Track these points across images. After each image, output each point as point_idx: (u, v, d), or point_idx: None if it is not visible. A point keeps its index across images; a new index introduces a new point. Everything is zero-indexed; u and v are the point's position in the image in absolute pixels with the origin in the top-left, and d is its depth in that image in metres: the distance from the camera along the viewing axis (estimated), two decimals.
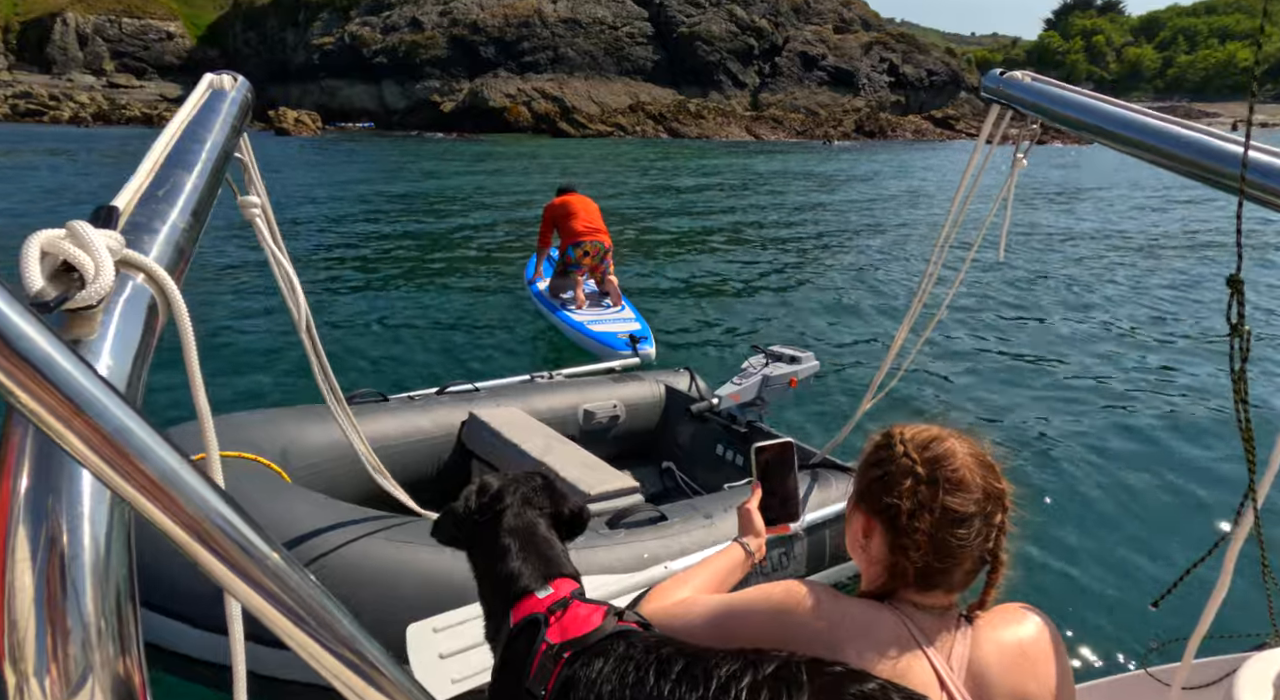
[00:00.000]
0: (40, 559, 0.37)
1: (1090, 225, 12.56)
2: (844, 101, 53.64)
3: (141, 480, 0.35)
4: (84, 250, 0.45)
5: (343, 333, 5.97)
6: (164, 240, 0.62)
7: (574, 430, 3.21)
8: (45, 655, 0.36)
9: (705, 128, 45.52)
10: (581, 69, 49.23)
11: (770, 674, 0.75)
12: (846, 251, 10.41)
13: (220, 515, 0.37)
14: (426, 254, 9.52)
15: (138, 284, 0.54)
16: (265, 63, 53.43)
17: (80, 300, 0.45)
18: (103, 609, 0.38)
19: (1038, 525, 3.35)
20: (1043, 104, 1.50)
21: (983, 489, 0.91)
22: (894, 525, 0.92)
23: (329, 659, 0.41)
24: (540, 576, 1.07)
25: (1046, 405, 4.69)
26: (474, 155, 27.72)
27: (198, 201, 0.72)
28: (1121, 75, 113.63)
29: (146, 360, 0.51)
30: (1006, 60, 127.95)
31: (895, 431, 0.97)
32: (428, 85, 48.50)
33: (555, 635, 0.96)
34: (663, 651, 0.86)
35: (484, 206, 14.20)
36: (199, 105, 0.99)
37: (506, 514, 1.15)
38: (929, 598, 0.93)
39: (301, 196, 14.59)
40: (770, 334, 6.26)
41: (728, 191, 17.68)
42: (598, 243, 5.65)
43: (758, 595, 0.97)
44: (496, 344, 5.75)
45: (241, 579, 0.38)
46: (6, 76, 49.20)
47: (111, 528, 0.40)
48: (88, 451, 0.34)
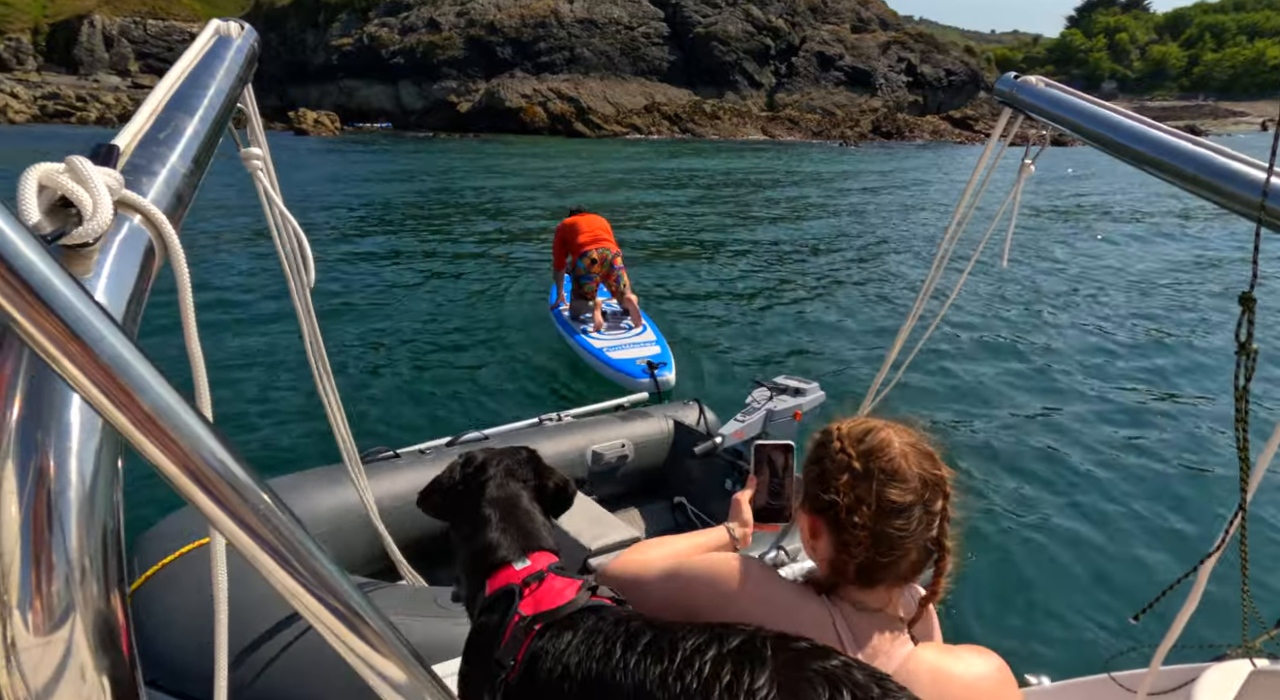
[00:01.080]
0: (28, 492, 0.37)
1: (1099, 233, 12.38)
2: (861, 102, 53.26)
3: (135, 412, 0.35)
4: (82, 186, 0.45)
5: (358, 352, 5.94)
6: (163, 183, 0.61)
7: (583, 472, 3.22)
8: (29, 588, 0.36)
9: (721, 128, 45.44)
10: (597, 69, 49.33)
11: (734, 648, 0.75)
12: (856, 258, 10.34)
13: (212, 452, 0.37)
14: (444, 265, 9.58)
15: (135, 225, 0.53)
16: (285, 63, 54.13)
17: (77, 236, 0.44)
18: (87, 547, 0.38)
19: (1026, 531, 3.36)
20: (1055, 111, 1.46)
21: (920, 477, 0.90)
22: (836, 522, 0.91)
23: (312, 602, 0.42)
24: (519, 548, 1.08)
25: (1041, 416, 4.67)
26: (491, 157, 27.86)
27: (199, 148, 0.70)
28: (1145, 73, 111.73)
29: (142, 301, 0.50)
30: (1027, 58, 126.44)
31: (833, 427, 0.97)
32: (444, 86, 48.85)
33: (529, 607, 0.96)
34: (631, 625, 0.86)
35: (502, 213, 14.27)
36: (204, 51, 0.95)
37: (490, 485, 1.16)
38: (871, 595, 0.92)
39: (323, 199, 14.75)
40: (778, 345, 6.25)
41: (744, 194, 17.63)
42: (603, 250, 5.71)
43: (703, 564, 0.98)
44: (513, 372, 5.71)
45: (230, 518, 0.38)
46: (36, 77, 50.26)
47: (99, 465, 0.40)
48: (84, 379, 0.34)
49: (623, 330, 5.69)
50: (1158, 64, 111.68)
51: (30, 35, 54.85)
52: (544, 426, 3.39)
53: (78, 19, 55.51)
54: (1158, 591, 1.17)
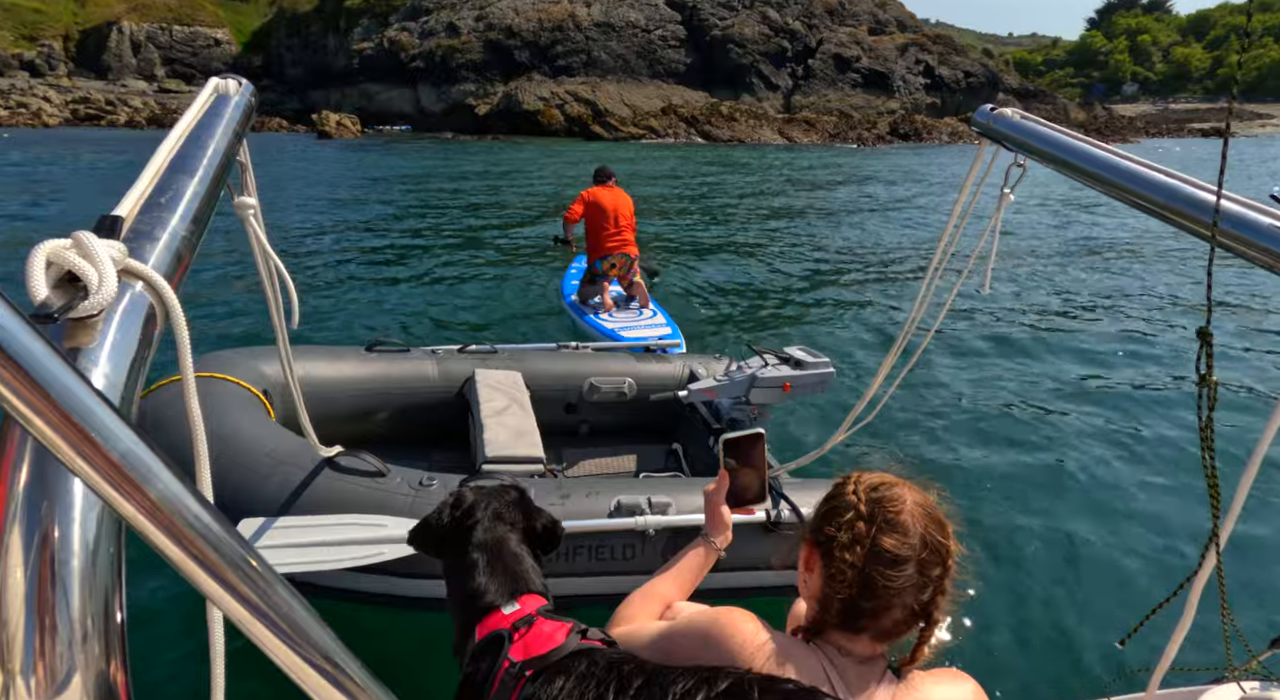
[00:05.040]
0: (32, 560, 0.38)
1: (1080, 254, 12.27)
2: (878, 103, 53.03)
3: (142, 501, 0.36)
4: (88, 261, 0.46)
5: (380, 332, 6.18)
6: (164, 248, 0.62)
7: (574, 398, 3.25)
8: (33, 653, 0.37)
9: (737, 130, 45.42)
10: (614, 72, 49.54)
11: (723, 691, 0.76)
12: (864, 268, 10.40)
13: (216, 534, 0.38)
14: (465, 257, 9.78)
15: (137, 292, 0.54)
16: (307, 67, 54.93)
17: (83, 310, 0.46)
18: (90, 610, 0.39)
19: (1008, 559, 3.36)
20: (1030, 142, 1.50)
21: (921, 537, 0.92)
22: (828, 555, 0.94)
23: (317, 679, 0.43)
24: (507, 592, 1.08)
25: (1021, 442, 4.67)
26: (509, 159, 28.10)
27: (199, 208, 0.72)
28: (1168, 76, 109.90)
29: (143, 368, 0.52)
30: (1047, 61, 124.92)
31: (855, 474, 1.01)
32: (463, 88, 49.31)
33: (519, 652, 0.96)
34: (624, 669, 0.87)
35: (522, 212, 14.46)
36: (204, 110, 0.99)
37: (477, 529, 1.16)
38: (855, 643, 0.93)
39: (350, 198, 15.04)
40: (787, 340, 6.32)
41: (762, 195, 17.70)
42: (625, 255, 5.89)
43: (687, 625, 1.01)
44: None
45: (243, 608, 0.39)
46: (67, 82, 51.41)
47: (101, 533, 0.41)
48: (91, 471, 0.35)
49: (632, 312, 5.86)
50: (1181, 66, 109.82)
51: (61, 42, 56.10)
52: (560, 351, 3.44)
53: (107, 25, 56.71)
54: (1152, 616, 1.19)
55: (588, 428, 3.36)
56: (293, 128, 44.80)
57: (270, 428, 2.38)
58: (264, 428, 2.35)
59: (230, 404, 2.42)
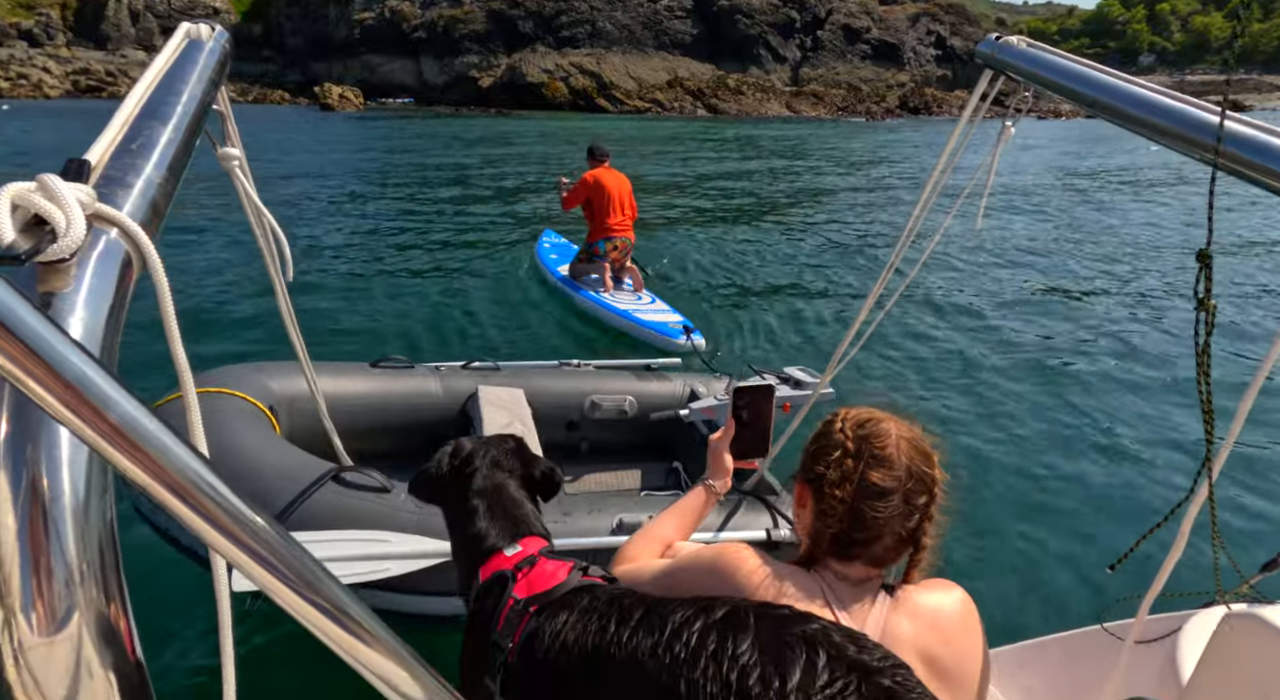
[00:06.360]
0: (22, 503, 0.39)
1: (1074, 202, 12.10)
2: (888, 76, 52.10)
3: (104, 427, 0.36)
4: (54, 203, 0.46)
5: (371, 310, 6.06)
6: (138, 194, 0.61)
7: (575, 416, 3.28)
8: (30, 592, 0.38)
9: (744, 104, 44.79)
10: (619, 43, 48.69)
11: (720, 618, 0.79)
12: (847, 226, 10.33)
13: (183, 461, 0.38)
14: (474, 236, 9.75)
15: (111, 238, 0.54)
16: (307, 38, 54.13)
17: (52, 253, 0.45)
18: (84, 552, 0.40)
19: (1002, 493, 3.38)
20: (1036, 71, 1.45)
21: (907, 468, 0.94)
22: (819, 492, 0.97)
23: (293, 598, 0.43)
24: (508, 535, 1.11)
25: (1014, 377, 4.73)
26: (513, 134, 27.77)
27: (174, 156, 0.71)
28: (1187, 46, 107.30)
29: (121, 313, 0.52)
30: (1061, 30, 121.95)
31: (841, 411, 1.03)
32: (466, 60, 48.60)
33: (522, 590, 1.00)
34: (624, 602, 0.90)
35: (522, 189, 14.36)
36: (175, 56, 0.96)
37: (476, 476, 1.19)
38: (850, 568, 0.97)
39: (356, 169, 14.96)
40: (801, 329, 6.33)
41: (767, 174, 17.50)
42: (626, 238, 5.85)
43: (691, 560, 1.05)
44: (533, 330, 5.73)
45: (207, 523, 0.39)
46: (66, 53, 50.83)
47: (90, 474, 0.42)
48: (50, 398, 0.35)
49: (631, 295, 5.81)
50: (1200, 35, 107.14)
51: (59, 10, 55.33)
52: (561, 369, 3.46)
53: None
54: (1145, 545, 1.21)
55: (588, 445, 3.38)
56: (294, 100, 44.34)
57: (276, 443, 2.38)
58: (269, 442, 2.35)
59: (234, 418, 2.41)
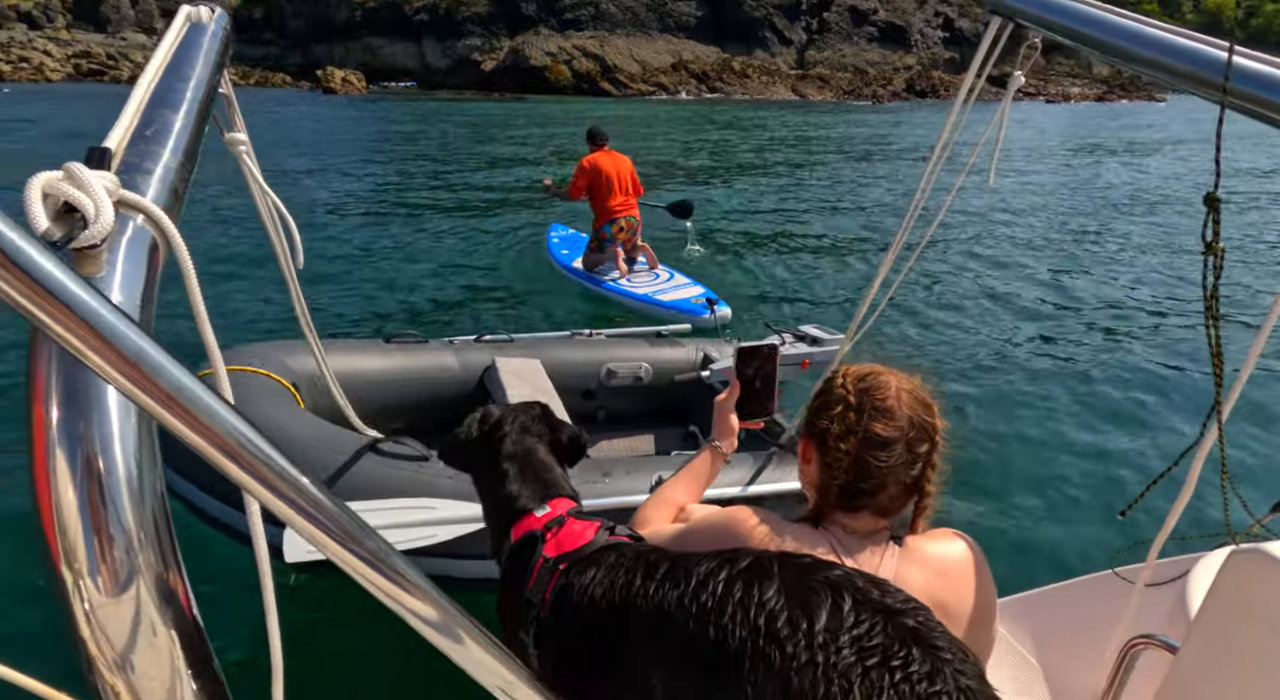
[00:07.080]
0: (80, 478, 0.42)
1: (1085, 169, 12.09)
2: (895, 59, 51.44)
3: (158, 393, 0.39)
4: (83, 191, 0.47)
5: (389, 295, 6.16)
6: (158, 180, 0.63)
7: (592, 384, 3.34)
8: (95, 558, 0.41)
9: (749, 87, 44.32)
10: (623, 26, 48.09)
11: (744, 567, 0.81)
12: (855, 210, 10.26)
13: (231, 423, 0.41)
14: (479, 219, 9.69)
15: (138, 224, 0.56)
16: (308, 19, 53.58)
17: (84, 239, 0.47)
18: (141, 521, 0.43)
19: (1011, 436, 3.40)
20: (1043, 15, 1.44)
21: (909, 418, 0.97)
22: (824, 446, 1.00)
23: (339, 549, 0.47)
24: (538, 497, 1.14)
25: (1026, 326, 4.80)
26: (516, 118, 27.57)
27: (188, 141, 0.72)
28: (1198, 26, 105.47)
29: (153, 293, 0.54)
30: None
31: (843, 368, 1.06)
32: (469, 43, 48.09)
33: (552, 549, 1.03)
34: (650, 557, 0.93)
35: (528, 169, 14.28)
36: (178, 41, 0.96)
37: (505, 441, 1.22)
38: (857, 520, 0.99)
39: (364, 154, 14.88)
40: (820, 293, 6.33)
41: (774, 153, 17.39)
42: (631, 218, 5.83)
43: (702, 522, 1.09)
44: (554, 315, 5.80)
45: (246, 472, 0.42)
46: (66, 35, 50.49)
47: (141, 450, 0.44)
48: (110, 369, 0.38)
49: (648, 275, 5.83)
50: (1213, 15, 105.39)
51: None
52: (574, 339, 3.51)
53: None
54: (1157, 493, 1.20)
55: (604, 413, 3.42)
56: (296, 84, 44.02)
57: (308, 417, 2.40)
58: (300, 416, 2.38)
59: (260, 394, 2.44)
